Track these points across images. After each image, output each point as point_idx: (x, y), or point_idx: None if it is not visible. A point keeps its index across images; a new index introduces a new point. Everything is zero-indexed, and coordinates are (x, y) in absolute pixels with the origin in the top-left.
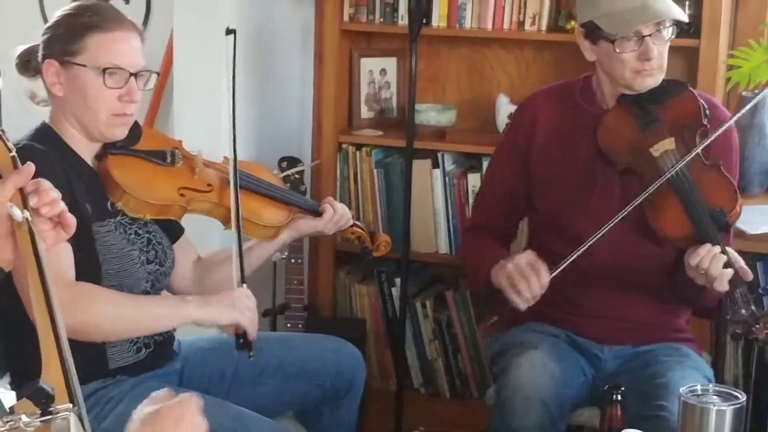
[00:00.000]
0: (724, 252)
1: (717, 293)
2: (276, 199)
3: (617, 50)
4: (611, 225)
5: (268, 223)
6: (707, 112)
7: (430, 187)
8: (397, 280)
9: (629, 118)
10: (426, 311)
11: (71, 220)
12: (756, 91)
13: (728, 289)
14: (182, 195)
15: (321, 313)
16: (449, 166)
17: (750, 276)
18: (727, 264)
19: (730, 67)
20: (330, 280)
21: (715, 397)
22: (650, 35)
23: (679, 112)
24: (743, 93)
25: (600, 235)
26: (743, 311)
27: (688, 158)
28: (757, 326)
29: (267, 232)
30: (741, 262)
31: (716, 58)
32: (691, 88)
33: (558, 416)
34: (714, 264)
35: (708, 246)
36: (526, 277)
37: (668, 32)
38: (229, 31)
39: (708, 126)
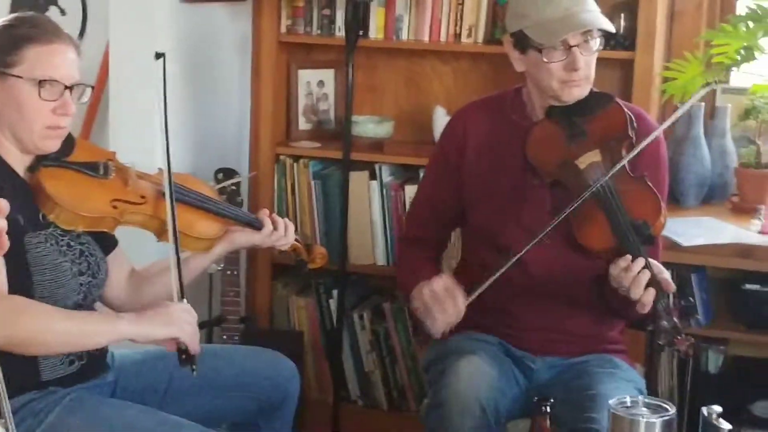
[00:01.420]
0: (647, 266)
1: (642, 305)
2: (210, 212)
3: (545, 59)
4: (533, 244)
5: (201, 236)
6: (634, 124)
7: (368, 199)
8: (335, 292)
9: (556, 131)
10: (363, 323)
11: (5, 243)
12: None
13: (651, 302)
14: (115, 207)
15: (258, 325)
16: (387, 177)
17: (672, 288)
18: (650, 279)
19: (665, 80)
20: (267, 291)
21: (644, 409)
22: (577, 45)
23: (605, 124)
24: (678, 105)
25: (519, 256)
26: (665, 323)
27: (614, 171)
28: (679, 338)
29: (200, 244)
30: (665, 273)
31: (651, 70)
32: (618, 101)
33: (494, 423)
34: (636, 281)
35: (628, 257)
36: (441, 303)
37: (596, 43)
38: (158, 55)
39: (634, 138)
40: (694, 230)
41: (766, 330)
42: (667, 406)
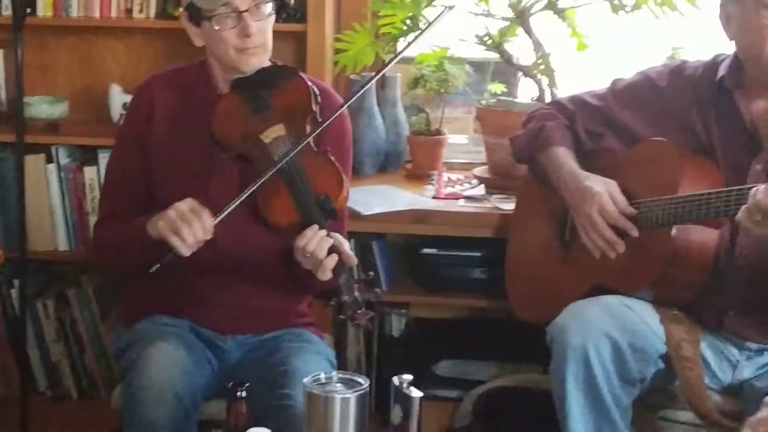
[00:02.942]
0: (329, 236)
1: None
2: None
3: (216, 27)
4: (225, 214)
5: None
6: (318, 99)
7: (46, 183)
8: (16, 281)
9: (241, 104)
10: (48, 311)
11: None
12: (363, 74)
13: (333, 276)
14: None
15: None
16: (64, 160)
17: (354, 261)
18: (332, 249)
19: (337, 51)
20: None
21: (338, 384)
22: (247, 11)
23: (289, 98)
24: (351, 76)
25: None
26: (347, 297)
27: (299, 148)
28: (359, 312)
29: None
30: (346, 246)
31: (323, 41)
32: (302, 74)
33: (191, 408)
34: (320, 247)
35: (315, 227)
36: (188, 222)
37: (267, 8)
38: None
39: (318, 113)
40: (373, 199)
41: (444, 292)
42: (361, 380)
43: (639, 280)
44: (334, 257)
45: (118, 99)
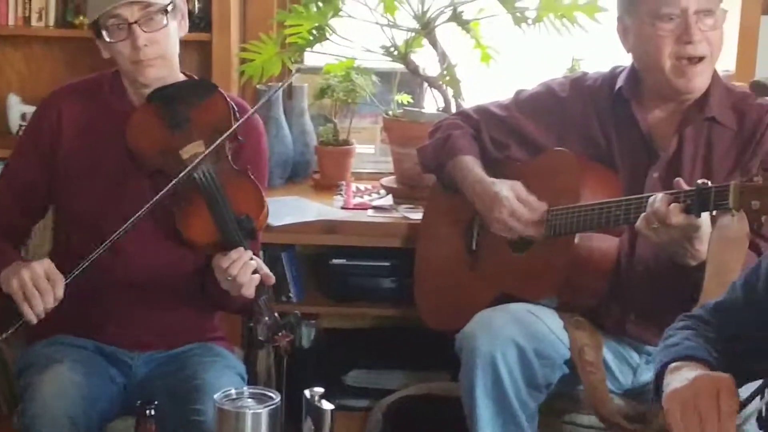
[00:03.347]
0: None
1: (244, 298)
2: None
3: (109, 39)
4: (124, 229)
5: None
6: (237, 115)
7: None
8: None
9: (158, 118)
10: None
11: None
12: (269, 84)
13: (254, 296)
14: None
15: None
16: None
17: (272, 281)
18: (254, 271)
19: (243, 61)
20: None
21: (249, 400)
22: (136, 22)
23: (208, 114)
24: (257, 86)
25: (111, 240)
26: (267, 318)
27: (191, 167)
28: (280, 334)
29: None
30: (265, 268)
31: (229, 51)
32: (221, 91)
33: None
34: (243, 270)
35: (241, 250)
36: (42, 292)
37: (160, 19)
38: None
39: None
40: (282, 210)
41: (354, 302)
42: (272, 395)
43: (543, 287)
44: (256, 278)
45: (17, 109)
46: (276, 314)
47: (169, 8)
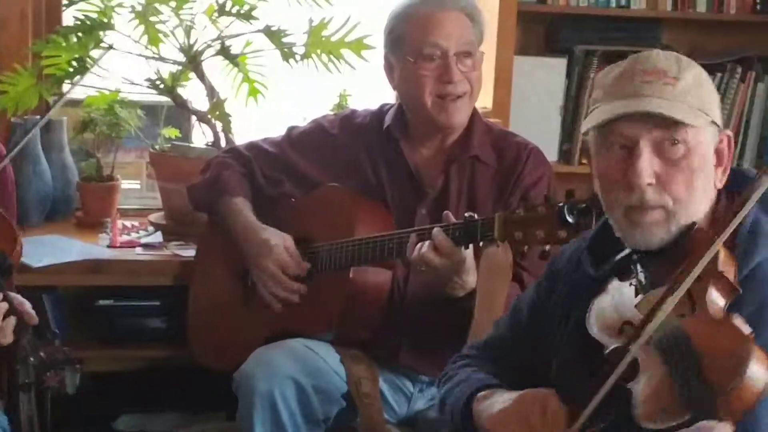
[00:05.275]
0: (6, 299)
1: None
2: None
3: None
4: None
5: None
6: None
7: None
8: None
9: None
10: None
11: None
12: (26, 117)
13: (15, 339)
14: None
15: None
16: None
17: (35, 320)
18: (10, 312)
19: None
20: None
21: None
22: None
23: None
24: (13, 119)
25: None
26: (32, 359)
27: None
28: (49, 374)
29: None
30: (27, 306)
31: None
32: None
33: None
34: None
35: None
36: None
37: None
38: None
39: None
40: (41, 250)
41: (122, 344)
42: None
43: (320, 321)
44: (12, 320)
45: None
46: (42, 354)
47: None
